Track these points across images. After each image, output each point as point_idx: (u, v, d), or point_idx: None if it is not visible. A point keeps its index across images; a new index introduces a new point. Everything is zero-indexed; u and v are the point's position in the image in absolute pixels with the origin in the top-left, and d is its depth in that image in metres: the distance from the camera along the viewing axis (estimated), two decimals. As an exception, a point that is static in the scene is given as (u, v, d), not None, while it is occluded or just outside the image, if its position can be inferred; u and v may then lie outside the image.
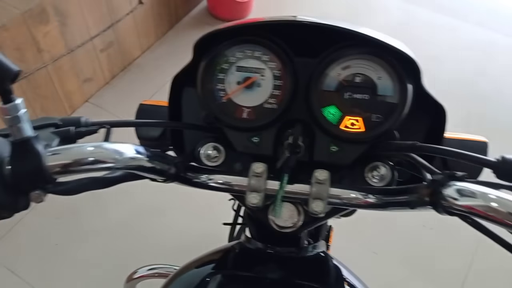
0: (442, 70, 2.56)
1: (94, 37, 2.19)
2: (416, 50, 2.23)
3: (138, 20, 2.40)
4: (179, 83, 0.70)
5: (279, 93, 0.62)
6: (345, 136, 0.61)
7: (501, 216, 0.44)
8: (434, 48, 2.67)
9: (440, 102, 0.65)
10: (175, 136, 0.72)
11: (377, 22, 2.81)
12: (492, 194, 0.46)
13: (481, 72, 2.55)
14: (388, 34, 0.60)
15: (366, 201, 0.58)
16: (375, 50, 0.59)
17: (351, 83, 0.61)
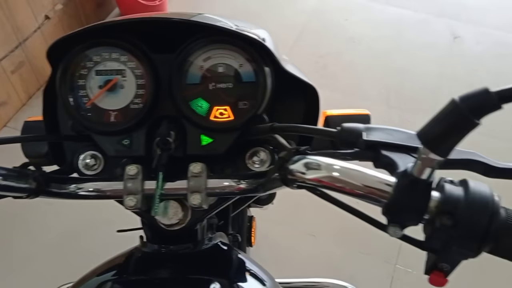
0: (358, 50, 2.64)
1: (1, 59, 2.10)
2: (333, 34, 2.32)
3: (47, 35, 2.32)
4: (52, 96, 0.68)
5: (143, 92, 0.62)
6: (215, 127, 0.62)
7: (343, 184, 0.46)
8: (349, 30, 2.75)
9: (310, 82, 0.67)
10: (54, 149, 0.70)
11: (294, 10, 2.85)
12: (336, 165, 0.48)
13: (395, 48, 2.65)
14: (305, 21, 0.61)
15: (239, 187, 0.59)
16: (224, 38, 0.61)
17: (215, 74, 0.62)
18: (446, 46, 2.67)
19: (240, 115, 0.62)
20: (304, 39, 2.69)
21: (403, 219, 0.44)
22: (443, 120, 0.38)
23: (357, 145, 0.50)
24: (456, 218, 0.41)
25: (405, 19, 2.82)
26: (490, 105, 0.36)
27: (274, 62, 0.62)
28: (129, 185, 0.58)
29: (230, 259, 0.74)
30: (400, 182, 0.43)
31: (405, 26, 2.78)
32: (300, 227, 1.92)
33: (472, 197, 0.41)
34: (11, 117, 2.27)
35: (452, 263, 0.43)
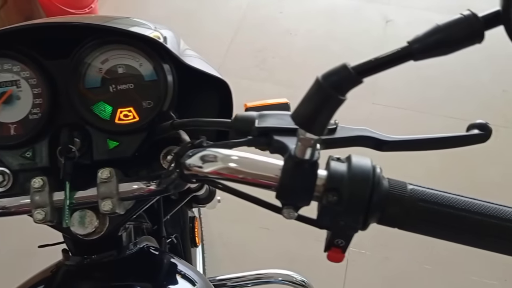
0: (295, 41, 2.67)
1: None
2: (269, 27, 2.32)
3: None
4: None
5: (41, 101, 0.60)
6: (120, 129, 0.61)
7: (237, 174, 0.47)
8: (284, 22, 2.77)
9: (220, 76, 0.67)
10: None
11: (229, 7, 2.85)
12: (233, 155, 0.48)
13: (331, 36, 2.70)
14: (240, 17, 0.61)
15: (150, 189, 0.58)
16: (117, 38, 0.60)
17: (115, 75, 0.61)
18: (380, 30, 2.73)
19: (145, 115, 0.61)
20: (241, 35, 2.69)
21: (294, 200, 0.45)
22: (311, 100, 0.38)
23: (250, 132, 0.50)
24: (340, 193, 0.42)
25: (338, 8, 2.87)
26: (350, 80, 0.37)
27: (175, 58, 0.61)
28: (36, 198, 0.56)
29: (157, 262, 0.72)
30: (286, 165, 0.44)
31: (338, 14, 2.82)
32: (254, 222, 1.92)
33: (353, 171, 0.42)
34: None
35: (346, 238, 0.44)
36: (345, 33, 2.71)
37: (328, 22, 2.77)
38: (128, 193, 0.58)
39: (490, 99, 2.43)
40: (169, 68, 0.61)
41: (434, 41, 0.35)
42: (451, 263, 1.86)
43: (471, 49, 0.37)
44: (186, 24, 2.71)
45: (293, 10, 2.85)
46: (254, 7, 2.85)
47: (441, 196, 0.43)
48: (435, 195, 0.43)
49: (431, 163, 2.07)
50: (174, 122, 0.58)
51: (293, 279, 0.98)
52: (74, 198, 0.57)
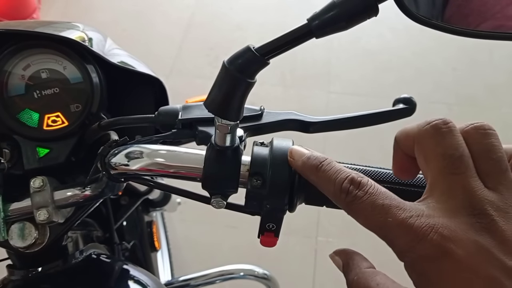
0: (247, 37, 2.66)
1: None
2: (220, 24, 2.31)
3: None
4: None
5: None
6: (49, 136, 0.59)
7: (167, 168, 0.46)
8: (235, 18, 2.76)
9: (151, 73, 0.66)
10: None
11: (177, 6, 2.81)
12: (158, 150, 0.47)
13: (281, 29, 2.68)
14: (189, 15, 0.59)
15: (85, 195, 0.57)
16: (35, 42, 0.58)
17: (39, 81, 0.59)
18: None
19: (74, 119, 0.59)
20: (191, 34, 2.66)
21: (220, 189, 0.44)
22: (221, 85, 0.38)
23: (174, 126, 0.50)
24: (263, 177, 0.41)
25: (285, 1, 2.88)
26: (256, 62, 0.37)
27: (99, 58, 0.60)
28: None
29: (107, 269, 0.70)
30: (208, 154, 0.44)
31: (287, 6, 2.83)
32: (220, 222, 1.91)
33: (274, 154, 0.42)
34: None
35: (276, 221, 0.43)
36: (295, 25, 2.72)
37: (278, 15, 2.76)
38: (64, 201, 0.56)
39: (442, 78, 2.48)
40: (94, 68, 0.59)
41: (331, 17, 0.35)
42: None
43: (418, 31, 0.38)
44: (134, 26, 2.66)
45: (242, 5, 2.83)
46: (203, 4, 2.82)
47: (362, 170, 0.44)
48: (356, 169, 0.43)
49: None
50: (102, 123, 0.56)
51: (255, 273, 0.98)
52: (9, 211, 0.56)
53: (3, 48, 0.57)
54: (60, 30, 0.58)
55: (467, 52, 2.56)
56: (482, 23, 0.39)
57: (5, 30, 0.58)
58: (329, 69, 2.46)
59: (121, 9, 2.79)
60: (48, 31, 0.57)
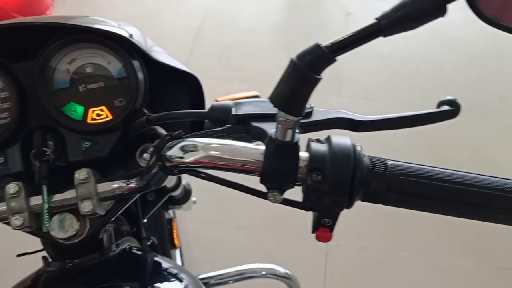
0: (258, 39, 2.67)
1: None
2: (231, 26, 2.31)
3: None
4: None
5: (9, 105, 0.58)
6: (94, 129, 0.59)
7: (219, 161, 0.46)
8: (246, 20, 2.77)
9: (189, 70, 0.66)
10: None
11: (187, 10, 2.83)
12: (213, 143, 0.48)
13: (293, 32, 2.71)
14: (202, 16, 0.60)
15: (130, 187, 0.57)
16: (84, 37, 0.58)
17: (83, 75, 0.59)
18: (341, 23, 2.76)
19: (118, 113, 0.60)
20: (203, 36, 2.67)
21: (279, 183, 0.45)
22: (288, 81, 0.39)
23: (228, 121, 0.51)
24: (324, 173, 0.42)
25: (297, 2, 2.89)
26: (325, 59, 0.38)
27: (144, 54, 0.60)
28: (13, 205, 0.54)
29: (142, 262, 0.72)
30: (268, 148, 0.45)
31: (298, 8, 2.84)
32: (231, 222, 1.92)
33: (334, 150, 0.43)
34: None
35: (332, 216, 0.45)
36: (307, 27, 2.73)
37: (289, 17, 2.79)
38: (108, 193, 0.57)
39: (452, 84, 2.49)
40: (139, 64, 0.60)
41: (400, 16, 0.37)
42: (426, 248, 1.91)
43: (429, 36, 0.39)
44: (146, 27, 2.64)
45: (253, 7, 2.85)
46: (215, 7, 2.83)
47: (420, 169, 0.45)
48: (414, 168, 0.44)
49: (401, 150, 2.11)
50: (150, 117, 0.57)
51: (277, 272, 0.98)
52: (52, 202, 0.56)
53: (50, 42, 0.58)
54: (106, 25, 0.59)
55: (479, 60, 2.57)
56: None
57: (51, 23, 0.58)
58: (340, 72, 2.47)
59: (133, 9, 2.80)
60: (96, 26, 0.57)
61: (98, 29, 0.57)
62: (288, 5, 2.88)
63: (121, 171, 0.63)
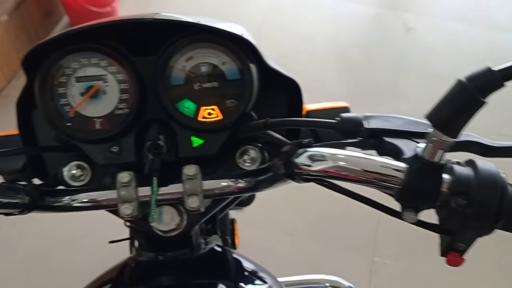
0: (317, 47, 2.66)
1: None
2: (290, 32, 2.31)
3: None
4: (26, 106, 0.65)
5: (127, 96, 0.59)
6: (205, 127, 0.60)
7: (352, 173, 0.46)
8: (305, 27, 2.76)
9: (291, 76, 0.66)
10: (34, 162, 0.67)
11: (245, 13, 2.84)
12: (340, 154, 0.47)
13: (352, 43, 2.69)
14: (260, 23, 0.61)
15: (238, 186, 0.58)
16: (207, 36, 0.59)
17: (198, 74, 0.60)
18: (401, 38, 2.73)
19: (228, 114, 0.60)
20: (261, 39, 2.67)
21: (418, 203, 0.45)
22: (452, 101, 0.39)
23: (358, 134, 0.50)
24: (470, 197, 0.42)
25: (358, 14, 2.87)
26: (494, 84, 0.38)
27: (258, 57, 0.61)
28: (123, 193, 0.55)
29: (230, 261, 0.73)
30: (412, 166, 0.44)
31: (359, 20, 2.82)
32: (276, 227, 1.91)
33: (482, 176, 0.42)
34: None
35: (468, 241, 0.44)
36: (366, 40, 2.71)
37: (349, 28, 2.76)
38: (214, 190, 0.58)
39: (511, 111, 2.42)
40: (254, 67, 0.60)
41: None
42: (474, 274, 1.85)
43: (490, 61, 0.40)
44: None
45: (314, 14, 2.84)
46: (275, 10, 2.84)
47: None
48: None
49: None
50: (268, 122, 0.57)
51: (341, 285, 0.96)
52: (159, 194, 0.57)
53: (174, 39, 0.59)
54: (228, 27, 0.59)
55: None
56: None
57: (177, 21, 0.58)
58: (397, 88, 2.44)
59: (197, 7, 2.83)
60: (220, 27, 0.58)
61: (224, 31, 0.58)
62: (349, 16, 2.85)
63: (220, 169, 0.64)
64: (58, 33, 0.57)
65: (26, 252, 1.82)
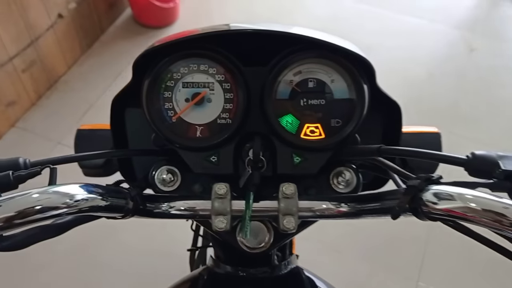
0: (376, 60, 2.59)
1: (13, 57, 2.03)
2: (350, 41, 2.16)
3: (59, 34, 2.26)
4: (120, 104, 0.65)
5: (231, 106, 0.58)
6: (307, 145, 0.58)
7: (481, 216, 0.43)
8: (364, 38, 2.71)
9: (394, 98, 0.63)
10: (122, 162, 0.67)
11: (307, 18, 2.82)
12: (469, 195, 0.44)
13: (412, 58, 2.62)
14: (319, 28, 0.58)
15: (339, 211, 0.55)
16: (326, 53, 0.57)
17: (305, 89, 0.58)
18: (463, 59, 2.64)
19: (331, 133, 0.58)
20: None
21: None
22: None
23: (493, 175, 0.47)
24: None
25: (421, 29, 2.79)
26: None
27: (371, 79, 0.58)
28: (218, 205, 0.53)
29: (307, 283, 0.70)
30: None
31: (421, 36, 2.75)
32: (326, 243, 1.87)
33: None
34: (20, 117, 2.20)
35: None
36: (427, 57, 2.63)
37: (410, 43, 2.69)
38: (310, 211, 0.56)
39: None
40: (368, 89, 0.58)
41: None
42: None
43: None
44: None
45: (373, 26, 2.79)
46: (334, 20, 2.80)
47: None
48: None
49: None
50: (382, 148, 0.54)
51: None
52: (253, 210, 0.55)
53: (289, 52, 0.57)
54: (345, 44, 0.57)
55: None
56: None
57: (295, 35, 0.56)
58: (457, 109, 2.36)
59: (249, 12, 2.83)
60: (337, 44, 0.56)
61: (345, 49, 0.55)
62: (411, 30, 2.78)
63: (312, 189, 0.62)
64: (173, 38, 0.56)
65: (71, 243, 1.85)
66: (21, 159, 0.52)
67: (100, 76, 2.39)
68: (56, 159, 0.54)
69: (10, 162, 0.52)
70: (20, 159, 0.52)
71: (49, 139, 2.12)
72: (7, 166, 0.51)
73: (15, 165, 0.51)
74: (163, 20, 2.63)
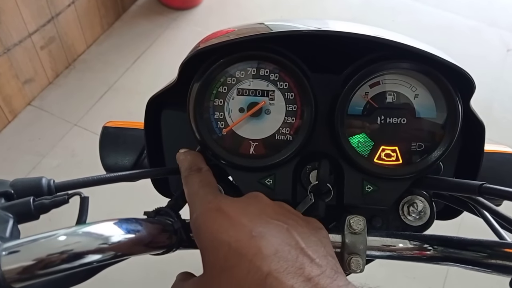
0: (405, 54, 2.49)
1: (32, 33, 1.95)
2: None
3: (80, 11, 2.17)
4: (156, 105, 0.55)
5: (293, 120, 0.49)
6: (381, 172, 0.48)
7: None
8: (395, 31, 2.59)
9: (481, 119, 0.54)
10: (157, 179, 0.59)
11: (336, 8, 2.70)
12: None
13: (445, 54, 2.49)
14: (349, 20, 0.48)
15: (422, 253, 0.47)
16: (422, 64, 0.47)
17: (381, 104, 0.49)
18: (499, 59, 2.51)
19: (410, 159, 0.49)
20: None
21: None
22: None
23: None
24: None
25: (455, 25, 2.66)
26: None
27: (466, 97, 0.49)
28: None
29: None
30: None
31: (455, 32, 2.62)
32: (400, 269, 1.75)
33: None
34: (36, 95, 2.12)
35: None
36: (461, 54, 2.50)
37: (443, 38, 2.56)
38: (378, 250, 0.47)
39: None
40: (461, 108, 0.48)
41: None
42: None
43: None
44: (291, 15, 2.58)
45: (406, 19, 2.66)
46: (366, 10, 2.68)
47: None
48: None
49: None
50: (484, 187, 0.44)
51: None
52: None
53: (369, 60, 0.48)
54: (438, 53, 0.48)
55: None
56: None
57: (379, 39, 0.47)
58: (489, 112, 2.25)
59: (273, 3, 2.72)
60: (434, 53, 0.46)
61: (445, 61, 0.46)
62: (444, 26, 2.65)
63: (376, 218, 0.53)
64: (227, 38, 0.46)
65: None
66: (45, 180, 0.43)
67: (120, 57, 2.29)
68: (87, 181, 0.44)
69: (32, 184, 0.42)
70: (43, 180, 0.42)
71: (65, 120, 2.04)
72: (29, 189, 0.41)
73: (37, 188, 0.42)
74: (187, 1, 2.53)
